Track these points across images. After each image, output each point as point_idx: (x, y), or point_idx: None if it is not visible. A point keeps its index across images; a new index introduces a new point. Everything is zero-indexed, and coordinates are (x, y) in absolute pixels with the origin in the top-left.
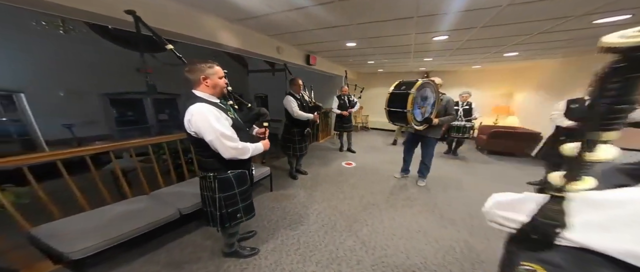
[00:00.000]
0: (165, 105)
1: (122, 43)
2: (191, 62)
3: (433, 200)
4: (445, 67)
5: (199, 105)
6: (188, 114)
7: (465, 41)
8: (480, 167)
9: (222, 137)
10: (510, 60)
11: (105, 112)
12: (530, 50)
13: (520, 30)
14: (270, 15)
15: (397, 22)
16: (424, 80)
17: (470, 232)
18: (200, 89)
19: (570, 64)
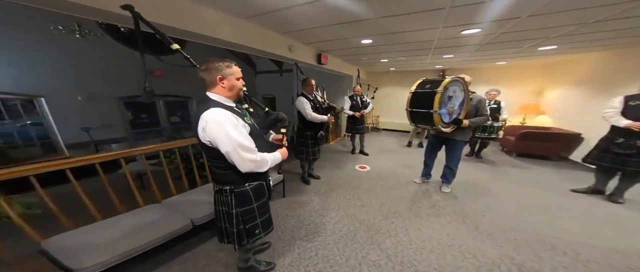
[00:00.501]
0: (177, 107)
1: (135, 45)
2: (207, 61)
3: (463, 209)
4: (464, 65)
5: (214, 111)
6: (202, 121)
7: (498, 34)
8: (511, 171)
9: (239, 149)
10: (544, 54)
11: (120, 115)
12: (576, 42)
13: (574, 18)
14: (286, 9)
15: (426, 14)
16: (452, 77)
17: (515, 248)
18: (215, 90)
19: (618, 57)
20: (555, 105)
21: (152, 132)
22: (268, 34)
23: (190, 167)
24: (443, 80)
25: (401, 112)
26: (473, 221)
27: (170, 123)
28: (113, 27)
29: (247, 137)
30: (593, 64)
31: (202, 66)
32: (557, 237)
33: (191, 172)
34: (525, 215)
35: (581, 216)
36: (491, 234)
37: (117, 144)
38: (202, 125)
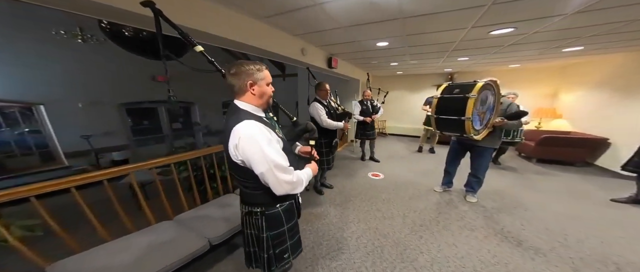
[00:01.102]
0: (179, 113)
1: (138, 51)
2: (237, 64)
3: (497, 221)
4: (475, 68)
5: (248, 125)
6: (234, 137)
7: (529, 34)
8: (536, 178)
9: (276, 169)
10: (563, 56)
11: (121, 122)
12: (608, 43)
13: (625, 15)
14: (307, 8)
15: (459, 13)
16: (484, 81)
17: (574, 270)
18: (244, 98)
19: (632, 59)
20: (573, 108)
21: (154, 138)
22: (282, 36)
23: (200, 177)
24: (473, 84)
25: (408, 116)
26: (513, 235)
27: (172, 130)
28: (117, 31)
29: (282, 154)
30: (617, 65)
31: (232, 70)
32: (621, 257)
33: (202, 182)
34: (572, 229)
35: (637, 232)
36: (540, 251)
37: (118, 151)
38: (234, 142)
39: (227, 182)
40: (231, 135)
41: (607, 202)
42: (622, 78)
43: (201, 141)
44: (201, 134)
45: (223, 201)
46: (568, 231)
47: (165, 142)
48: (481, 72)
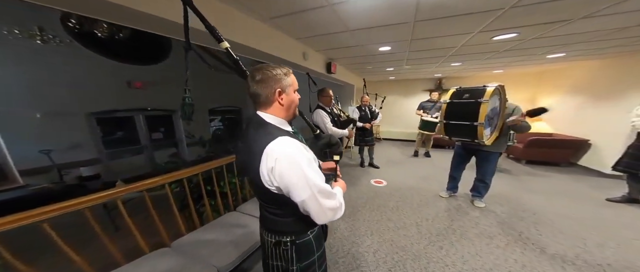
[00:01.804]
0: (159, 122)
1: (111, 54)
2: (262, 69)
3: (512, 227)
4: (463, 73)
5: (284, 143)
6: (268, 159)
7: (528, 40)
8: (530, 180)
9: (320, 195)
10: (545, 62)
11: (91, 134)
12: (589, 50)
13: (624, 21)
14: (314, 10)
15: (474, 16)
16: (494, 86)
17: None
18: (271, 110)
19: (620, 64)
20: (553, 111)
21: (130, 151)
22: (284, 39)
23: (198, 195)
24: (483, 89)
25: (400, 121)
26: (533, 241)
27: (151, 140)
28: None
29: (322, 175)
30: (592, 71)
31: (257, 76)
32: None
33: (200, 199)
34: (585, 233)
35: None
36: (567, 259)
37: (87, 167)
38: (268, 165)
39: (227, 198)
40: (263, 156)
41: (603, 202)
42: (593, 83)
43: (186, 152)
44: (185, 144)
45: (226, 220)
46: (583, 234)
47: (144, 154)
48: (468, 77)
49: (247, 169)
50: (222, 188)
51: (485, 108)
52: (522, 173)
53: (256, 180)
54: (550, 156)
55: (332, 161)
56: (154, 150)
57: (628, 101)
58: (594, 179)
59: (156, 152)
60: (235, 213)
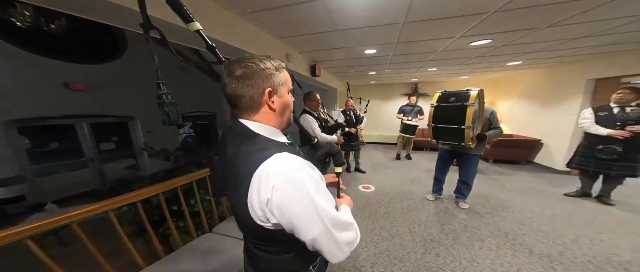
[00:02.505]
0: (111, 131)
1: (38, 49)
2: (246, 60)
3: (498, 228)
4: (436, 78)
5: (283, 161)
6: (262, 187)
7: (499, 47)
8: (502, 179)
9: (335, 229)
10: (504, 69)
11: (10, 146)
12: (542, 59)
13: (588, 30)
14: (302, 5)
15: (459, 20)
16: (477, 90)
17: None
18: (258, 116)
19: (554, 73)
20: (509, 115)
21: (70, 165)
22: (264, 37)
23: (160, 217)
24: (467, 92)
25: (381, 124)
26: (519, 242)
27: (99, 152)
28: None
29: (332, 198)
30: (538, 78)
31: (237, 70)
32: (616, 255)
33: (161, 223)
34: (561, 230)
35: (606, 227)
36: (553, 258)
37: (4, 187)
38: (262, 195)
39: (200, 218)
40: (254, 184)
41: (562, 198)
42: (541, 89)
43: (147, 164)
44: (147, 155)
45: (199, 246)
46: (559, 232)
47: (90, 168)
48: (441, 83)
49: (228, 197)
50: (193, 208)
51: (472, 112)
52: (493, 172)
53: (243, 215)
54: (512, 155)
55: (334, 173)
56: (104, 163)
57: (568, 105)
58: (550, 175)
59: (107, 165)
60: (212, 235)
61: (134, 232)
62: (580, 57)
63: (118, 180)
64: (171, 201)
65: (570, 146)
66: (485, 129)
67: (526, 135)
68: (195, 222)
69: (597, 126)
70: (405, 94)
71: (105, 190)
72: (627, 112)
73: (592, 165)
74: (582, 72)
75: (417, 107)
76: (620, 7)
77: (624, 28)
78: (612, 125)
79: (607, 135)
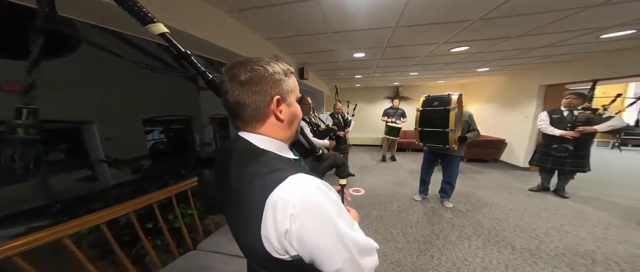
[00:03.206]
0: (60, 138)
1: None
2: (251, 64)
3: (481, 225)
4: (415, 82)
5: (300, 185)
6: (279, 216)
7: (472, 54)
8: (477, 177)
9: (360, 256)
10: (473, 75)
11: None
12: (506, 66)
13: (548, 41)
14: (296, 4)
15: (446, 26)
16: (457, 94)
17: (569, 265)
18: (264, 129)
19: (513, 79)
20: (477, 117)
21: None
22: (252, 37)
23: (131, 236)
24: (448, 96)
25: (366, 127)
26: (501, 237)
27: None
28: None
29: (352, 219)
30: (499, 84)
31: (242, 75)
32: (581, 246)
33: (131, 242)
34: (533, 224)
35: (567, 219)
36: (532, 252)
37: None
38: (280, 225)
39: (181, 235)
40: (268, 212)
41: (528, 192)
42: (502, 94)
43: (108, 175)
44: (107, 166)
45: (184, 265)
46: (531, 226)
47: (31, 181)
48: (420, 86)
49: (230, 224)
50: (172, 223)
51: (454, 115)
52: (468, 171)
53: (255, 249)
54: (482, 154)
55: (338, 185)
56: (50, 174)
57: (525, 108)
58: (515, 172)
59: (55, 177)
60: (197, 253)
61: (99, 254)
62: (534, 65)
63: (67, 194)
64: (144, 218)
65: (529, 144)
66: (464, 131)
67: (493, 135)
68: (176, 239)
69: (552, 127)
70: (387, 97)
71: (53, 208)
72: (575, 114)
73: (549, 162)
74: (535, 79)
75: (399, 110)
76: (576, 21)
77: (572, 40)
78: (564, 126)
79: (560, 135)
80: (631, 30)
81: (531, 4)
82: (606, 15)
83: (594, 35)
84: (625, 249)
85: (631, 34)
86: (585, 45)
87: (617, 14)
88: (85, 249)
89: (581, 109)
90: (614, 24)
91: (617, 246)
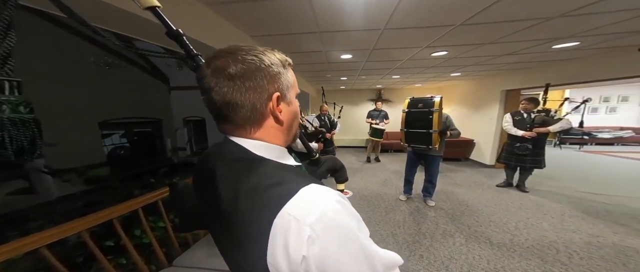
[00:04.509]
0: None
1: None
2: (243, 52)
3: (461, 222)
4: (396, 85)
5: (317, 200)
6: (292, 239)
7: (449, 59)
8: (452, 175)
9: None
10: (447, 79)
11: None
12: (475, 71)
13: (508, 49)
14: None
15: (428, 31)
16: (439, 97)
17: (540, 257)
18: (261, 133)
19: (480, 84)
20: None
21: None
22: (235, 33)
23: (85, 257)
24: (431, 99)
25: (351, 128)
26: (479, 233)
27: None
28: None
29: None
30: (466, 88)
31: (231, 67)
32: (546, 237)
33: (84, 264)
34: (505, 219)
35: (530, 212)
36: (509, 247)
37: None
38: (294, 251)
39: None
40: (277, 235)
41: (496, 188)
42: (470, 97)
43: (49, 186)
44: (48, 175)
45: None
46: (503, 220)
47: None
48: (401, 89)
49: (222, 250)
50: (139, 239)
51: (437, 117)
52: (445, 169)
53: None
54: (455, 153)
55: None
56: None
57: (490, 110)
58: (483, 169)
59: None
60: (173, 269)
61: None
62: (497, 71)
63: None
64: (102, 235)
65: (494, 144)
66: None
67: (463, 136)
68: (145, 255)
69: (514, 128)
70: (371, 99)
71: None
72: (533, 117)
73: (513, 160)
74: (498, 84)
75: (382, 112)
76: (538, 31)
77: (530, 49)
78: (523, 127)
79: (521, 135)
80: (576, 42)
81: (504, 13)
82: (560, 26)
83: (549, 44)
84: (580, 238)
85: (576, 46)
86: (541, 54)
87: (568, 26)
88: None
89: (537, 111)
90: (565, 35)
91: (573, 235)
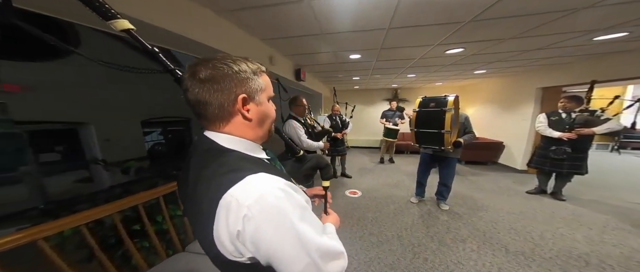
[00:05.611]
0: (56, 139)
1: None
2: (214, 61)
3: (476, 227)
4: (413, 85)
5: (258, 185)
6: (231, 217)
7: (467, 56)
8: (474, 179)
9: (322, 261)
10: (471, 77)
11: None
12: (503, 68)
13: (540, 43)
14: (288, 5)
15: (438, 28)
16: (453, 96)
17: (562, 269)
18: (229, 127)
19: (511, 81)
20: (475, 119)
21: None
22: (246, 38)
23: (116, 239)
24: (444, 98)
25: (365, 128)
26: (495, 240)
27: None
28: None
29: (319, 222)
30: (497, 86)
31: (201, 72)
32: (576, 249)
33: (119, 245)
34: (529, 227)
35: (563, 222)
36: (527, 256)
37: None
38: (232, 226)
39: (170, 236)
40: (220, 212)
41: (525, 195)
42: (499, 96)
43: (103, 177)
44: (102, 167)
45: (171, 267)
46: (527, 228)
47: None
48: (419, 88)
49: (192, 225)
50: (159, 225)
51: (450, 117)
52: (467, 173)
53: (211, 252)
54: (480, 156)
55: (321, 187)
56: (45, 175)
57: (523, 110)
58: (513, 174)
59: (50, 178)
60: (185, 254)
61: (84, 258)
62: (531, 67)
63: (66, 196)
64: (131, 220)
65: (526, 147)
66: (460, 134)
67: (491, 137)
68: (164, 241)
69: (550, 129)
70: (386, 99)
71: (54, 207)
72: (573, 117)
73: (547, 164)
74: (532, 81)
75: (397, 112)
76: (566, 23)
77: (564, 43)
78: (562, 128)
79: (557, 137)
80: (624, 32)
81: (517, 7)
82: (595, 17)
83: (586, 37)
84: (620, 252)
85: (625, 36)
86: (579, 48)
87: (608, 17)
88: (68, 253)
89: (579, 111)
90: (606, 26)
91: (612, 249)
